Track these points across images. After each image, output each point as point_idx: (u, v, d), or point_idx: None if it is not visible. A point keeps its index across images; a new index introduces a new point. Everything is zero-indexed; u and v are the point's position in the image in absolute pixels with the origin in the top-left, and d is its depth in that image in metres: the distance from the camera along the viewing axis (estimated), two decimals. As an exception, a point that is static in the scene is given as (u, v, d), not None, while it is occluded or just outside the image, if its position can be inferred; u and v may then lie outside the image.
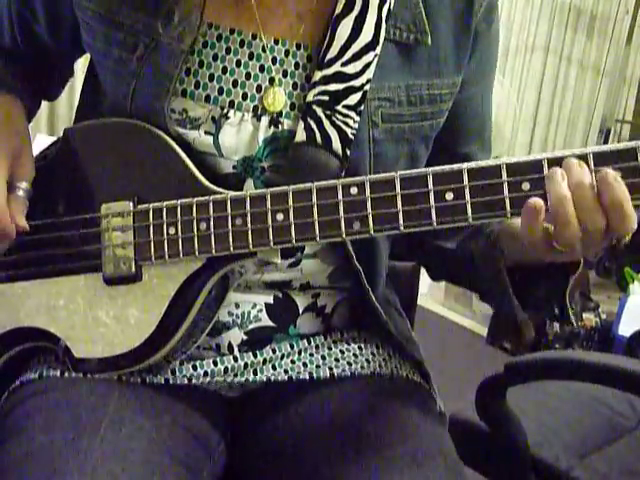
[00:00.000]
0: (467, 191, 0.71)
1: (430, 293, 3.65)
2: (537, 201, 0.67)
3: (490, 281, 0.84)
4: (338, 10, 0.85)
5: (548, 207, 0.68)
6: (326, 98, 0.84)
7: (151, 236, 0.82)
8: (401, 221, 0.73)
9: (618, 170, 0.67)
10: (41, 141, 0.95)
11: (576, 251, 0.70)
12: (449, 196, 0.71)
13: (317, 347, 0.96)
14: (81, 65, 1.05)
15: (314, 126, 0.84)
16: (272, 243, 0.77)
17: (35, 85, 0.98)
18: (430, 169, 0.72)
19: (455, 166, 0.71)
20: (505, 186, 0.70)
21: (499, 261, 0.81)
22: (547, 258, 0.73)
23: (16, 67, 0.97)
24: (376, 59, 0.85)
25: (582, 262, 0.79)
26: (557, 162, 0.69)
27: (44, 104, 1.09)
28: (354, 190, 0.75)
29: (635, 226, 0.67)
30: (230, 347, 0.91)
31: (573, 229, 0.67)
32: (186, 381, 0.89)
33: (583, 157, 0.68)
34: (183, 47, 0.84)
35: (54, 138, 0.96)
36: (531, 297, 0.84)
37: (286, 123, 0.86)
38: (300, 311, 0.94)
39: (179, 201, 0.81)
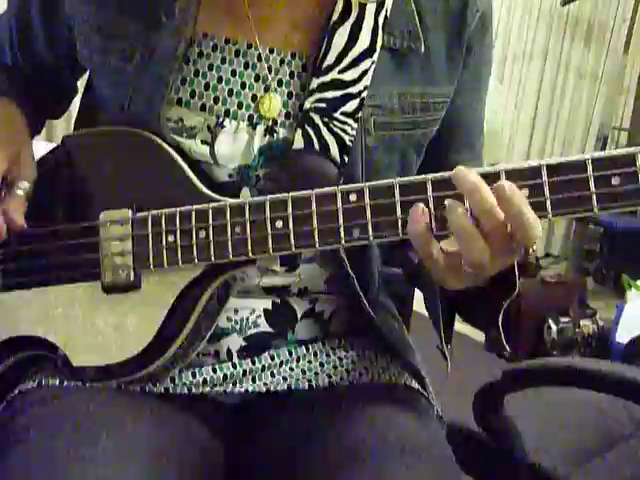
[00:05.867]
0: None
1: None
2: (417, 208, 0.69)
3: (431, 298, 0.85)
4: (335, 18, 0.85)
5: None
6: (323, 105, 0.84)
7: (150, 244, 0.82)
8: (400, 228, 0.73)
9: (617, 176, 0.67)
10: (39, 147, 0.95)
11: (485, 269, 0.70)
12: (448, 203, 0.71)
13: (315, 354, 0.96)
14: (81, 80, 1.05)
15: (312, 133, 0.84)
16: (271, 250, 0.77)
17: (38, 102, 0.98)
18: (430, 175, 0.72)
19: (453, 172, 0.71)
20: None
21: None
22: (456, 285, 0.74)
23: (18, 85, 0.98)
24: (373, 66, 0.85)
25: (517, 288, 0.78)
26: (554, 168, 0.68)
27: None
28: (353, 197, 0.74)
29: (539, 233, 0.67)
30: (229, 353, 0.91)
31: (480, 244, 0.68)
32: (186, 390, 0.89)
33: (582, 164, 0.68)
34: (177, 55, 0.85)
35: (51, 144, 0.96)
36: (473, 315, 0.87)
37: (281, 132, 0.86)
38: (298, 317, 0.95)
39: (178, 209, 0.81)
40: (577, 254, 4.91)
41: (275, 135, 0.86)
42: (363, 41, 0.85)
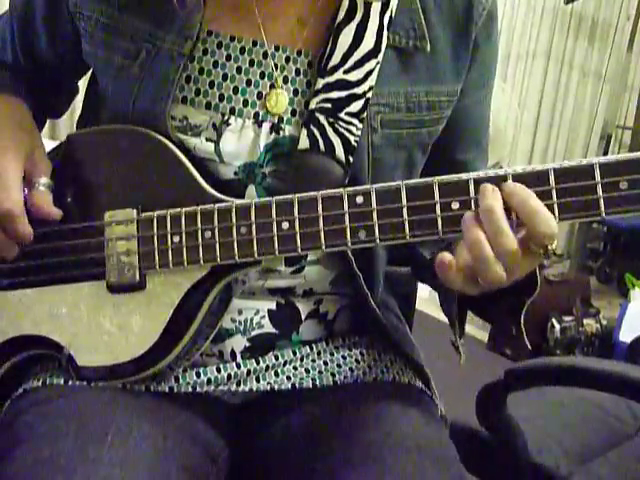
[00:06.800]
0: (473, 202, 0.71)
1: (431, 298, 3.64)
2: (445, 256, 0.70)
3: (445, 296, 0.86)
4: (340, 18, 0.85)
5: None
6: (329, 105, 0.84)
7: (155, 245, 0.82)
8: (407, 231, 0.73)
9: (625, 182, 0.67)
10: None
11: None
12: (455, 206, 0.71)
13: (319, 353, 0.96)
14: (83, 78, 1.05)
15: (317, 133, 0.84)
16: (277, 252, 0.77)
17: (39, 101, 0.98)
18: (436, 178, 0.72)
19: (462, 175, 0.72)
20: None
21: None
22: (473, 292, 0.74)
23: (20, 83, 0.98)
24: (378, 66, 0.85)
25: (538, 286, 0.78)
26: (562, 173, 0.69)
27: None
28: (360, 199, 0.74)
29: (555, 229, 0.68)
30: (233, 354, 0.91)
31: (495, 267, 0.68)
32: (190, 389, 0.89)
33: (589, 168, 0.68)
34: (183, 53, 0.85)
35: (55, 143, 0.96)
36: (488, 310, 0.87)
37: (287, 129, 0.86)
38: (303, 318, 0.95)
39: (183, 209, 0.81)
40: (581, 253, 4.89)
41: (281, 132, 0.86)
42: (368, 42, 0.85)
